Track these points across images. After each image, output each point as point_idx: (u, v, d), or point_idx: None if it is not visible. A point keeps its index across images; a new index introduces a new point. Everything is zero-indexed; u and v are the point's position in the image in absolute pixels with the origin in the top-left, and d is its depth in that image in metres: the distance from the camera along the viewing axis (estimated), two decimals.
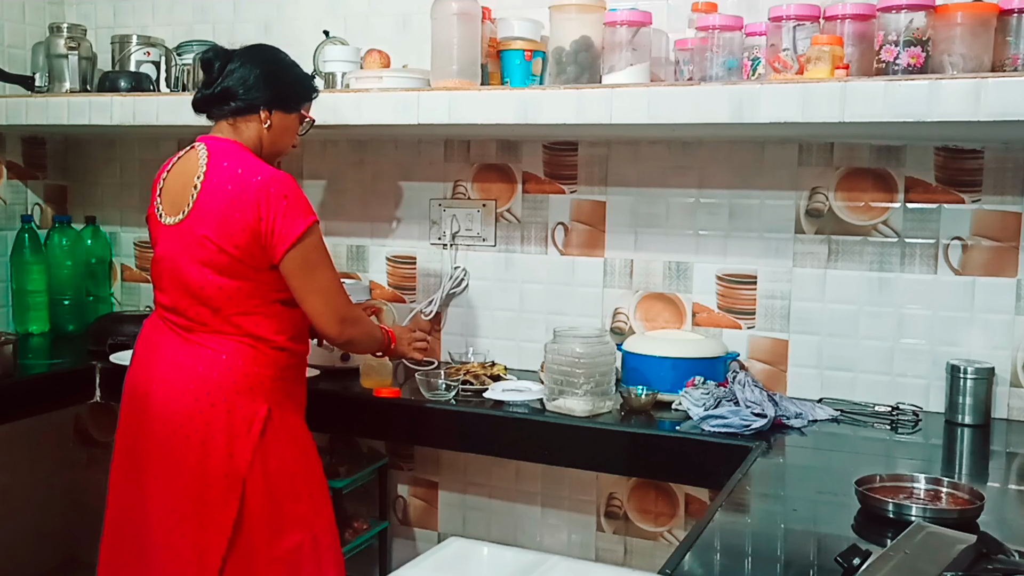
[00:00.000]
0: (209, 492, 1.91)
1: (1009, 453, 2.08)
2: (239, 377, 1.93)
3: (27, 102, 2.81)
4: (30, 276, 2.99)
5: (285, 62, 2.09)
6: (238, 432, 1.92)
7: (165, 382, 1.96)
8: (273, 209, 1.88)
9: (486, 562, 2.04)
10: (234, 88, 2.00)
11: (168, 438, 1.94)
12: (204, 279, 1.92)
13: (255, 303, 1.95)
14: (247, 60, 2.02)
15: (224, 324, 1.94)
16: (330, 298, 1.97)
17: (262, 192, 1.88)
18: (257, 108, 2.01)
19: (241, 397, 1.93)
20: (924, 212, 2.30)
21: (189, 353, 1.95)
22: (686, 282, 2.54)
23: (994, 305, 2.25)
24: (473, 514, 2.83)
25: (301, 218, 1.91)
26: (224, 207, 1.90)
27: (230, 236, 1.89)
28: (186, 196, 1.95)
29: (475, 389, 2.39)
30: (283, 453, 1.97)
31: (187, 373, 1.94)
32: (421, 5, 2.46)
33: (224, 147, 1.99)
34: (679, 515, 2.59)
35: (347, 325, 2.00)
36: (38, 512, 3.26)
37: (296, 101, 2.08)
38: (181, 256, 1.94)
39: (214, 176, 1.93)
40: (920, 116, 1.86)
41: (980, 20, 1.92)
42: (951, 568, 1.22)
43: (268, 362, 1.97)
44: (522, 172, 2.69)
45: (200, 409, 1.92)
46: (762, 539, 1.57)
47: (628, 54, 2.21)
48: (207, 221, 1.91)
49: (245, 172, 1.92)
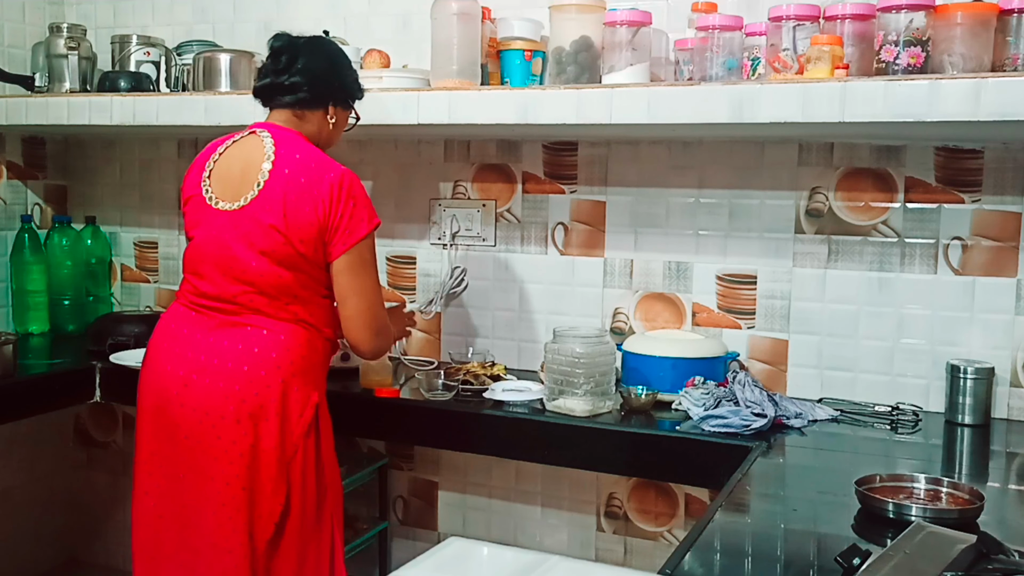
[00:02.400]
0: (260, 476, 1.87)
1: (1009, 453, 2.08)
2: (296, 359, 1.91)
3: (27, 102, 2.81)
4: (30, 276, 2.99)
5: (346, 60, 2.11)
6: (291, 414, 1.89)
7: (216, 370, 1.89)
8: (341, 209, 1.88)
9: (486, 562, 2.04)
10: (304, 80, 1.98)
11: (214, 427, 1.87)
12: (263, 267, 1.88)
13: (308, 294, 1.94)
14: (315, 53, 2.02)
15: (280, 310, 1.92)
16: (371, 304, 1.95)
17: (335, 189, 1.88)
18: (326, 102, 2.02)
19: (297, 379, 1.91)
20: (924, 212, 2.30)
21: (238, 336, 1.90)
22: (686, 282, 2.54)
23: (994, 305, 2.25)
24: (473, 514, 2.84)
25: (366, 220, 1.92)
26: (296, 199, 1.87)
27: (298, 228, 1.87)
28: (249, 182, 1.91)
29: (475, 389, 2.39)
30: (321, 445, 1.96)
31: (240, 354, 1.88)
32: (421, 5, 2.46)
33: (291, 137, 1.96)
34: (679, 515, 2.59)
35: (380, 339, 1.98)
36: (38, 512, 3.26)
37: (353, 99, 2.11)
38: (238, 243, 1.89)
39: (284, 165, 1.90)
40: (920, 116, 1.86)
41: (980, 20, 1.92)
42: (951, 568, 1.22)
43: (320, 349, 1.98)
44: (522, 172, 2.69)
45: (255, 391, 1.87)
46: (762, 539, 1.57)
47: (628, 54, 2.21)
48: (275, 210, 1.88)
49: (318, 166, 1.90)
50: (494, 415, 2.26)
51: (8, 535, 3.14)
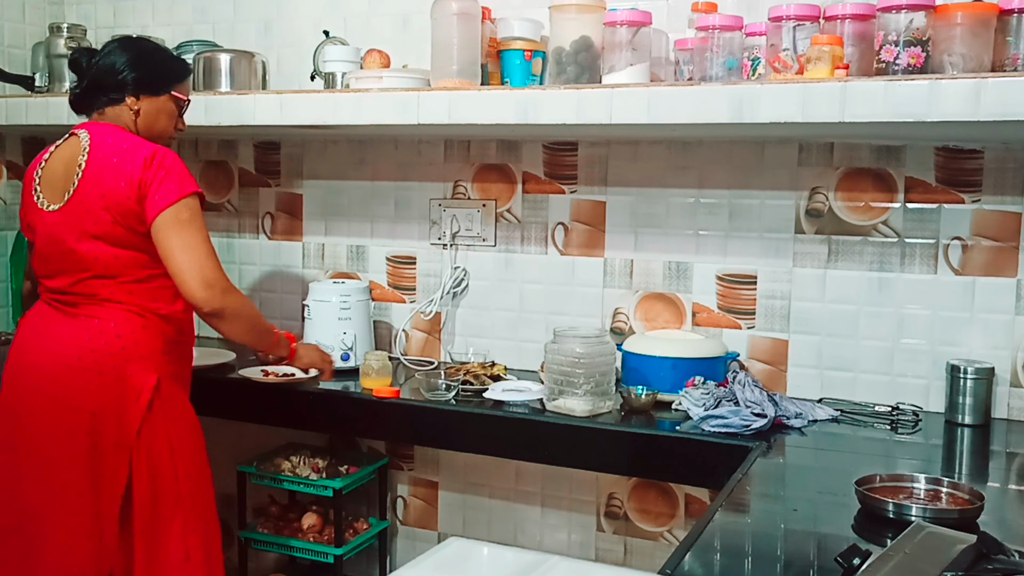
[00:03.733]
0: (102, 461, 1.95)
1: (1009, 453, 2.08)
2: (128, 344, 1.96)
3: (27, 102, 2.81)
4: None
5: (146, 48, 2.14)
6: (128, 400, 1.95)
7: (51, 357, 1.98)
8: (152, 177, 1.93)
9: (486, 562, 2.04)
10: (99, 80, 2.07)
11: (56, 412, 1.96)
12: (97, 251, 1.96)
13: (147, 272, 1.99)
14: (108, 53, 2.09)
15: (115, 293, 1.98)
16: (197, 258, 1.94)
17: (146, 161, 1.94)
18: (123, 96, 2.06)
19: (131, 365, 1.96)
20: (924, 212, 2.30)
21: (76, 326, 1.99)
22: (686, 282, 2.54)
23: (994, 305, 2.25)
24: (473, 514, 2.84)
25: (178, 186, 1.95)
26: (110, 178, 1.95)
27: (117, 204, 1.93)
28: (70, 178, 1.99)
29: (475, 389, 2.38)
30: (168, 428, 1.99)
31: (74, 345, 1.97)
32: (421, 5, 2.46)
33: (106, 129, 2.05)
34: (679, 515, 2.59)
35: (216, 292, 1.94)
36: None
37: (162, 83, 2.10)
38: (69, 235, 1.98)
39: (98, 151, 1.98)
40: (920, 116, 1.86)
41: (980, 20, 1.92)
42: (951, 568, 1.22)
43: (157, 332, 2.00)
44: (522, 172, 2.69)
45: (88, 379, 1.95)
46: (762, 539, 1.57)
47: (628, 54, 2.21)
48: (94, 194, 1.95)
49: (130, 146, 1.98)
50: (494, 415, 2.26)
51: None
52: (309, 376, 2.49)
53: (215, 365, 2.61)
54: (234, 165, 3.08)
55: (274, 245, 3.04)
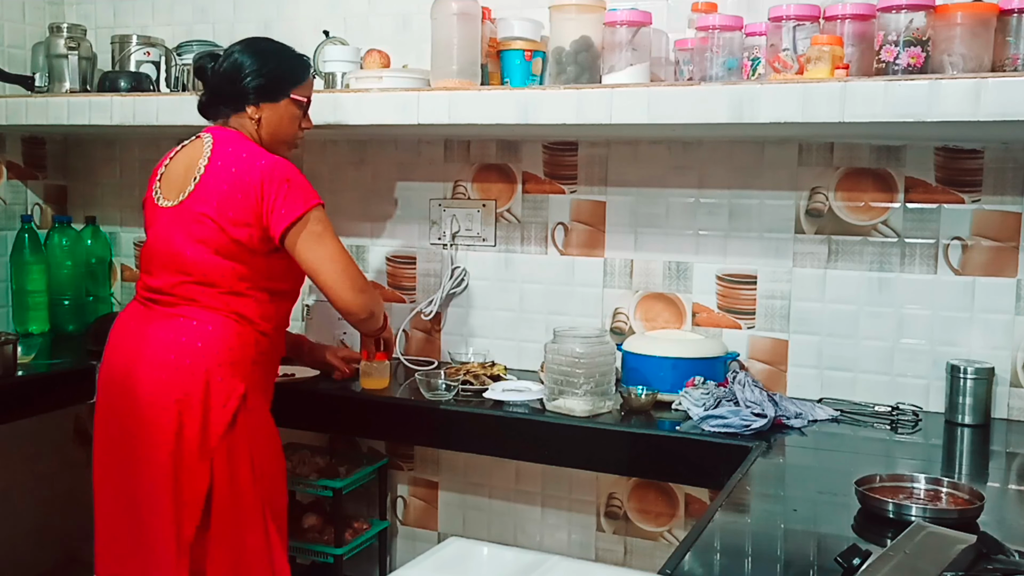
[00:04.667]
0: (183, 463, 1.95)
1: (1009, 453, 2.08)
2: (223, 349, 1.97)
3: (27, 102, 2.81)
4: (30, 276, 2.99)
5: (262, 53, 2.11)
6: (214, 404, 1.95)
7: (149, 359, 1.98)
8: (275, 191, 1.95)
9: (486, 562, 2.04)
10: (219, 90, 2.09)
11: (150, 411, 1.97)
12: (200, 256, 1.98)
13: (246, 285, 2.00)
14: (226, 60, 2.08)
15: (214, 300, 1.99)
16: (344, 267, 2.01)
17: (265, 174, 1.95)
18: (243, 105, 2.08)
19: (222, 370, 1.97)
20: (924, 212, 2.30)
21: (173, 326, 2.00)
22: (686, 282, 2.54)
23: (994, 305, 2.25)
24: (473, 514, 2.83)
25: (302, 200, 1.97)
26: (227, 188, 1.96)
27: (231, 216, 1.96)
28: (188, 179, 2.02)
29: (475, 389, 2.39)
30: (251, 437, 1.99)
31: (170, 344, 1.98)
32: (421, 5, 2.46)
33: (229, 135, 2.06)
34: (679, 515, 2.59)
35: (366, 296, 2.04)
36: (38, 512, 3.26)
37: (280, 89, 2.10)
38: (177, 235, 2.00)
39: (218, 159, 2.00)
40: (920, 116, 1.86)
41: (980, 20, 1.92)
42: (951, 568, 1.22)
43: (251, 342, 2.02)
44: (522, 172, 2.69)
45: (181, 378, 1.95)
46: (762, 539, 1.57)
47: (628, 54, 2.21)
48: (208, 200, 1.97)
49: (249, 156, 1.99)
50: (494, 415, 2.26)
51: (8, 535, 3.14)
52: (308, 376, 2.49)
53: None
54: None
55: None
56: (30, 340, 2.95)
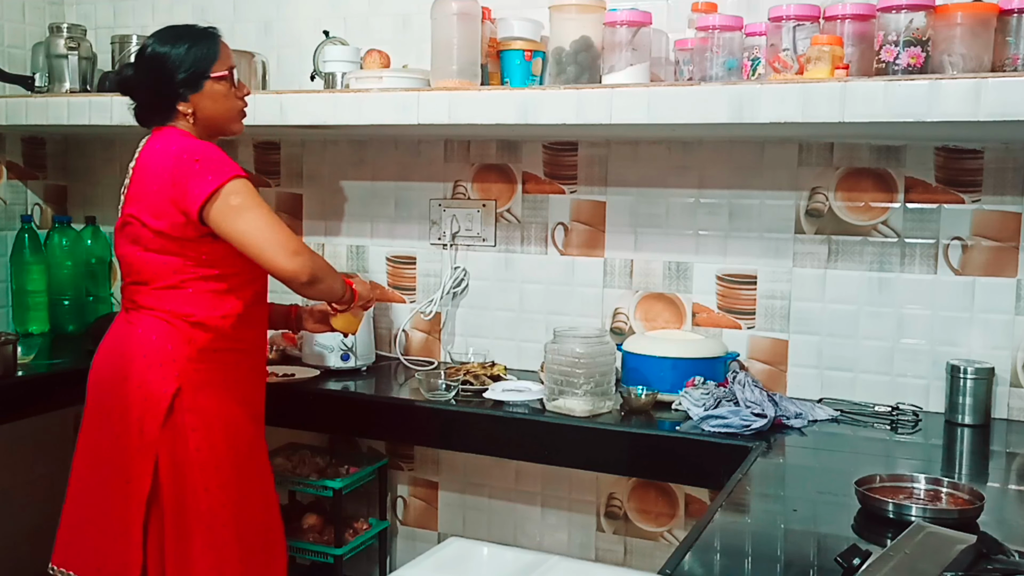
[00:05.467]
0: (129, 466, 1.96)
1: (1009, 453, 2.08)
2: (150, 352, 1.96)
3: (27, 102, 2.81)
4: (30, 276, 2.99)
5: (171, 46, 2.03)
6: (147, 407, 1.95)
7: (100, 361, 2.06)
8: (185, 172, 1.89)
9: (486, 562, 2.04)
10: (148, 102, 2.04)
11: (94, 415, 2.03)
12: (133, 256, 1.98)
13: (181, 278, 1.96)
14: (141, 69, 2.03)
15: (148, 299, 1.98)
16: (271, 234, 1.89)
17: (175, 158, 1.91)
18: (173, 106, 2.00)
19: (151, 372, 1.95)
20: (924, 212, 2.30)
21: (118, 332, 2.04)
22: (686, 282, 2.54)
23: (994, 305, 2.25)
24: (473, 514, 2.83)
25: (214, 175, 1.88)
26: (147, 182, 1.95)
27: (151, 209, 1.93)
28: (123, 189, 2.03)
29: (475, 389, 2.39)
30: (191, 438, 1.95)
31: (113, 351, 2.02)
32: (421, 5, 2.46)
33: (160, 134, 2.00)
34: (679, 515, 2.59)
35: (303, 258, 1.90)
36: (38, 512, 3.25)
37: (201, 75, 2.00)
38: (118, 242, 2.03)
39: (144, 159, 1.99)
40: (920, 116, 1.86)
41: (980, 20, 1.92)
42: (951, 568, 1.22)
43: (183, 339, 1.96)
44: (522, 172, 2.69)
45: (117, 383, 1.98)
46: (762, 539, 1.57)
47: (628, 54, 2.21)
48: (133, 201, 1.97)
49: (163, 147, 1.95)
50: (494, 415, 2.26)
51: (8, 535, 3.14)
52: (309, 377, 2.49)
53: None
54: None
55: None
56: (30, 340, 2.95)
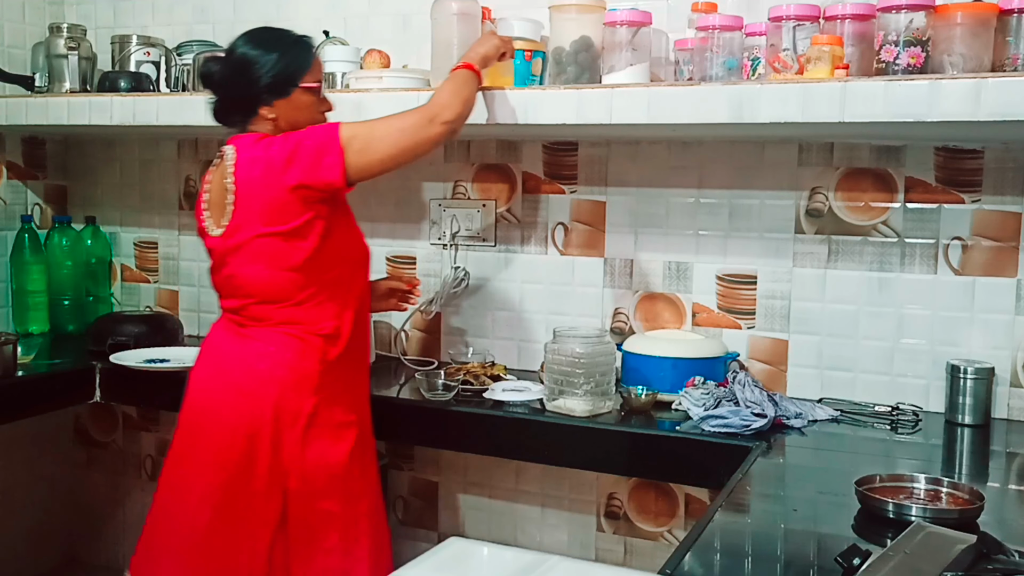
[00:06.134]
0: (255, 484, 1.93)
1: (1009, 453, 2.08)
2: (286, 371, 1.94)
3: (27, 102, 2.81)
4: (30, 276, 2.99)
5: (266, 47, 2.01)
6: (283, 426, 1.93)
7: (219, 377, 2.00)
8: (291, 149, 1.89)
9: (486, 562, 2.04)
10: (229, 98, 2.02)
11: (216, 432, 1.95)
12: (257, 277, 1.95)
13: (307, 292, 1.96)
14: (231, 65, 2.01)
15: (276, 315, 1.96)
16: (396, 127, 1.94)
17: (282, 147, 1.90)
18: (256, 109, 1.99)
19: (288, 391, 1.94)
20: (924, 212, 2.30)
21: (243, 348, 1.99)
22: (686, 282, 2.54)
23: (994, 305, 2.25)
24: (473, 514, 2.83)
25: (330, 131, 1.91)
26: (258, 189, 1.91)
27: (270, 215, 1.90)
28: (225, 203, 1.96)
29: (475, 389, 2.39)
30: (326, 451, 1.97)
31: (238, 367, 1.97)
32: (421, 5, 2.46)
33: (248, 142, 1.99)
34: (679, 515, 2.59)
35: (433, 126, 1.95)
36: (38, 512, 3.26)
37: (290, 82, 1.99)
38: (232, 262, 1.97)
39: (243, 171, 1.94)
40: (920, 116, 1.86)
41: (980, 20, 1.92)
42: (951, 568, 1.22)
43: (316, 355, 1.97)
44: (522, 172, 2.69)
45: (247, 403, 1.94)
46: (762, 539, 1.57)
47: (628, 54, 2.21)
48: (248, 213, 1.93)
49: (263, 149, 1.93)
50: (494, 415, 2.26)
51: (8, 535, 3.14)
52: None
53: None
54: None
55: None
56: (30, 340, 2.95)
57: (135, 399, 2.86)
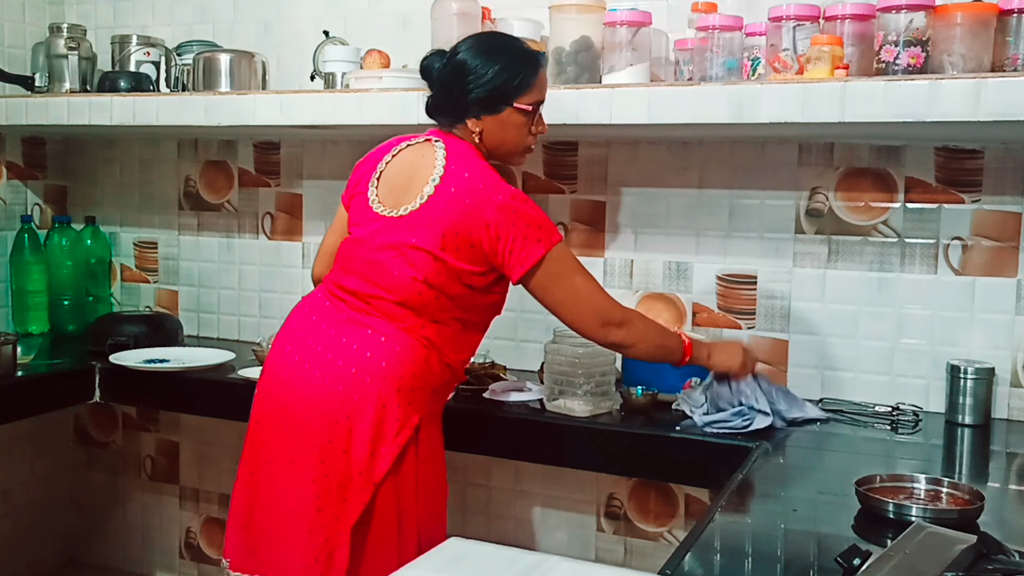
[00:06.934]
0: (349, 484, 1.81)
1: (1009, 453, 2.08)
2: (406, 374, 1.83)
3: (27, 102, 2.81)
4: (30, 276, 2.99)
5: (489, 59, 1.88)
6: (386, 432, 1.81)
7: (326, 363, 1.85)
8: (508, 229, 1.80)
9: (486, 562, 2.04)
10: (441, 98, 1.94)
11: (310, 420, 1.83)
12: (407, 281, 1.84)
13: (447, 315, 1.88)
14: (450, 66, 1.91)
15: (408, 321, 1.85)
16: (582, 305, 1.88)
17: (503, 212, 1.80)
18: (463, 118, 1.91)
19: (401, 396, 1.82)
20: (924, 212, 2.30)
21: (357, 336, 1.85)
22: (686, 282, 2.54)
23: (994, 305, 2.25)
24: (473, 514, 2.83)
25: (544, 240, 1.83)
26: (457, 220, 1.81)
27: (456, 249, 1.81)
28: (413, 192, 1.86)
29: (475, 389, 2.38)
30: (418, 469, 1.87)
31: (352, 354, 1.83)
32: (421, 5, 2.46)
33: (461, 151, 1.89)
34: (679, 515, 2.59)
35: (610, 329, 1.90)
36: (38, 512, 3.26)
37: (504, 100, 1.88)
38: (388, 251, 1.85)
39: (451, 182, 1.84)
40: (920, 116, 1.86)
41: (980, 20, 1.92)
42: (951, 568, 1.22)
43: (436, 370, 1.89)
44: (523, 172, 2.69)
45: (356, 394, 1.81)
46: (762, 539, 1.57)
47: (628, 54, 2.21)
48: (434, 228, 1.82)
49: (485, 188, 1.82)
50: (494, 415, 2.26)
51: (8, 535, 3.14)
52: None
53: (215, 365, 2.61)
54: (234, 165, 3.08)
55: (274, 245, 3.04)
56: (30, 340, 2.95)
57: (135, 399, 2.86)
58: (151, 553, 3.29)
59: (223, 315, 3.13)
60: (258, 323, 3.05)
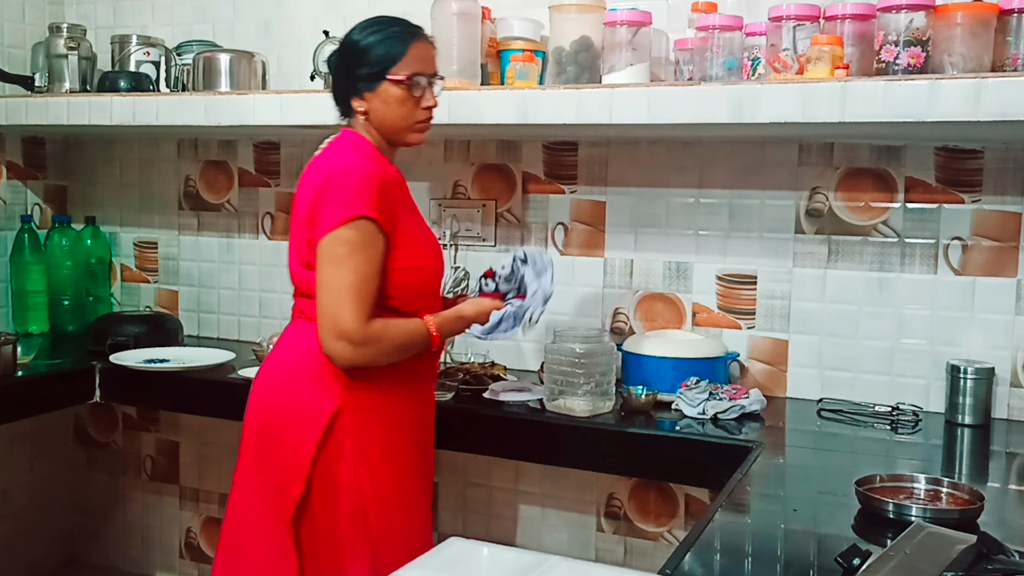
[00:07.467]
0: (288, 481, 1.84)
1: (1009, 453, 2.08)
2: (315, 365, 1.83)
3: (27, 102, 2.81)
4: (30, 276, 2.99)
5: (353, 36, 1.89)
6: (303, 422, 1.83)
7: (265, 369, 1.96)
8: (323, 196, 1.78)
9: (486, 562, 2.03)
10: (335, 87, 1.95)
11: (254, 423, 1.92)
12: (296, 270, 1.89)
13: None
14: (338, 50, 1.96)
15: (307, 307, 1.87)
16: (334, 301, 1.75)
17: (327, 179, 1.79)
18: (349, 102, 1.90)
19: (315, 385, 1.83)
20: (924, 212, 2.30)
21: (283, 339, 1.97)
22: (686, 282, 2.54)
23: (994, 305, 2.25)
24: (473, 514, 2.83)
25: (343, 208, 1.75)
26: (308, 196, 1.84)
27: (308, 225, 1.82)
28: None
29: (475, 389, 2.38)
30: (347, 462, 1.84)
31: (277, 357, 1.94)
32: (421, 5, 2.46)
33: (337, 141, 1.90)
34: (679, 515, 2.59)
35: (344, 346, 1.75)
36: (38, 512, 3.26)
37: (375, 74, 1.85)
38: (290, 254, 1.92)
39: (311, 169, 1.89)
40: (920, 116, 1.86)
41: (980, 20, 1.92)
42: (951, 568, 1.22)
43: None
44: (522, 172, 2.69)
45: (277, 392, 1.89)
46: (762, 539, 1.57)
47: (628, 54, 2.21)
48: (298, 213, 1.87)
49: (327, 162, 1.85)
50: (494, 415, 2.26)
51: (8, 535, 3.14)
52: None
53: (215, 365, 2.61)
54: (234, 165, 3.08)
55: (274, 245, 3.04)
56: (30, 340, 2.95)
57: (135, 399, 2.86)
58: (151, 553, 3.29)
59: (223, 315, 3.13)
60: (258, 323, 3.05)
